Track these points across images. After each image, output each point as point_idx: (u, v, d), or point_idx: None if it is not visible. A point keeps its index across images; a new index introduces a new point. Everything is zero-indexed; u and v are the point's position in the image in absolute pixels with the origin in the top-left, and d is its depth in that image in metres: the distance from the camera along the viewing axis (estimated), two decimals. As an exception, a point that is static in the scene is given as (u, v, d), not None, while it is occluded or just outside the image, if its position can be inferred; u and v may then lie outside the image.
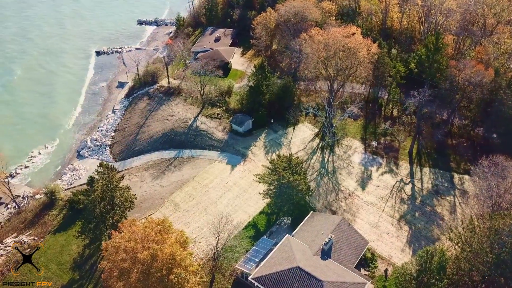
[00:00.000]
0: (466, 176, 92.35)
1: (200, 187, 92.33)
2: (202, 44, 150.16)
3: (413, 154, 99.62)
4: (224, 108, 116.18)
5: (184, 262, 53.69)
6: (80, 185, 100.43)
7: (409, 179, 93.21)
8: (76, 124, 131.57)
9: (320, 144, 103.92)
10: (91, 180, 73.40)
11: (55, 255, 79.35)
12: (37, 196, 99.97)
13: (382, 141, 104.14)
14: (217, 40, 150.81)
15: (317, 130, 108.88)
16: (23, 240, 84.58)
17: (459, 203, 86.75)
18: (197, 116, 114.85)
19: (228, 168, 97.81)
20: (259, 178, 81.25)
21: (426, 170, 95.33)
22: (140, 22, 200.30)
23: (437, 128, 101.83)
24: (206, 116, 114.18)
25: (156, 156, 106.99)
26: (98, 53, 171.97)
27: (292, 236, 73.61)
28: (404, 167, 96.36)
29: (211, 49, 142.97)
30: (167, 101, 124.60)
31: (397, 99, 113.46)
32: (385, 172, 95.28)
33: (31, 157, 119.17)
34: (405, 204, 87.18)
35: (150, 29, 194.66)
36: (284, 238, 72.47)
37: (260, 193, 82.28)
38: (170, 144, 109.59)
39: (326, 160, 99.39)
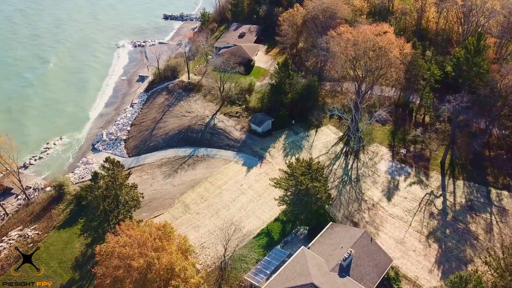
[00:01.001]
0: (505, 192, 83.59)
1: (213, 188, 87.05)
2: (225, 40, 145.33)
3: (446, 164, 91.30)
4: (243, 106, 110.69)
5: (184, 273, 48.21)
6: (90, 179, 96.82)
7: (440, 192, 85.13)
8: (94, 117, 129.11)
9: (344, 149, 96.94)
10: (95, 176, 69.15)
11: (57, 252, 75.68)
12: (48, 189, 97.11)
13: (411, 149, 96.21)
14: (241, 36, 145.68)
15: (341, 134, 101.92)
16: (27, 234, 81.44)
17: (497, 221, 78.20)
18: (215, 113, 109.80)
19: (243, 169, 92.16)
20: (274, 183, 75.19)
21: (460, 183, 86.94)
22: (166, 17, 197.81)
23: (474, 138, 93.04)
24: (224, 114, 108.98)
25: (170, 153, 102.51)
26: (121, 46, 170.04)
27: (308, 248, 67.14)
28: (435, 179, 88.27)
29: (235, 45, 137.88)
30: (186, 97, 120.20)
31: (430, 104, 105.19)
32: (414, 183, 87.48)
33: (47, 148, 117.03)
34: (435, 220, 79.29)
35: (175, 24, 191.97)
36: (299, 250, 66.11)
37: (275, 199, 76.20)
38: (186, 141, 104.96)
39: (349, 166, 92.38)
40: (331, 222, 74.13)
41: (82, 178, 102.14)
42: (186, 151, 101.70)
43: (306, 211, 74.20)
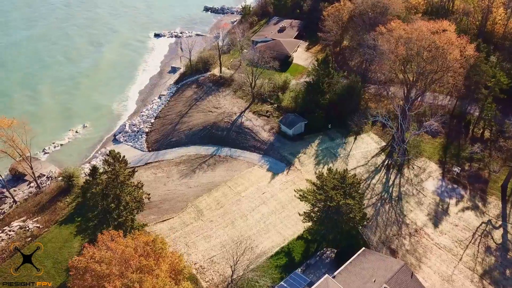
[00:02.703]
0: None
1: (231, 194, 77.38)
2: (264, 34, 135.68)
3: (508, 189, 76.84)
4: (275, 105, 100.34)
5: (172, 303, 38.68)
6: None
7: (500, 222, 71.06)
8: (120, 107, 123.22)
9: (386, 162, 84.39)
10: (93, 170, 61.28)
11: (54, 251, 68.55)
12: (60, 178, 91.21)
13: (466, 168, 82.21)
14: (281, 30, 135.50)
15: (384, 143, 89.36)
16: (27, 227, 75.22)
17: None
18: (244, 111, 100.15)
19: (268, 175, 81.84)
20: (300, 195, 64.35)
21: (525, 213, 72.41)
22: (207, 9, 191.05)
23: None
24: (253, 113, 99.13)
25: (192, 150, 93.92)
26: (157, 35, 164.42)
27: (333, 277, 55.93)
28: (494, 205, 74.15)
29: (273, 39, 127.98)
30: (215, 92, 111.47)
31: (491, 117, 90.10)
32: (468, 208, 73.81)
33: (68, 135, 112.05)
34: (492, 256, 65.56)
35: (215, 16, 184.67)
36: (323, 279, 55.11)
37: (300, 215, 65.33)
38: (210, 139, 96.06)
39: (391, 182, 79.84)
40: (363, 248, 62.27)
41: (103, 169, 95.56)
42: (209, 149, 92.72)
43: (335, 231, 63.14)
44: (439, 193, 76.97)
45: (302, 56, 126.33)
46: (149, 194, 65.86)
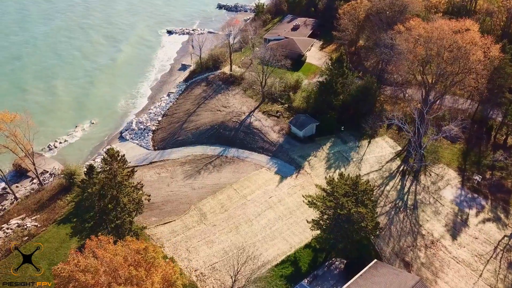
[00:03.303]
0: None
1: (237, 197, 73.76)
2: (276, 32, 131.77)
3: (534, 201, 71.71)
4: (286, 105, 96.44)
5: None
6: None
7: (524, 236, 66.08)
8: (129, 103, 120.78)
9: (402, 168, 79.81)
10: (90, 169, 58.26)
11: (51, 252, 65.85)
12: (62, 176, 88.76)
13: (488, 176, 77.21)
14: (294, 29, 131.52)
15: (400, 148, 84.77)
16: (25, 225, 72.76)
17: None
18: (253, 110, 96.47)
19: (276, 178, 77.99)
20: (308, 201, 60.36)
21: (552, 227, 67.20)
22: (220, 7, 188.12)
23: None
24: (263, 112, 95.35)
25: (198, 150, 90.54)
26: (170, 32, 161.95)
27: (342, 291, 51.93)
28: (517, 218, 69.15)
29: (286, 37, 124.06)
30: (224, 90, 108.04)
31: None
32: (489, 220, 68.92)
33: (75, 131, 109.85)
34: (516, 273, 60.65)
35: (228, 14, 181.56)
36: (330, 293, 51.15)
37: (308, 222, 61.35)
38: (217, 139, 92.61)
39: (406, 189, 75.29)
40: (375, 260, 57.99)
41: (101, 168, 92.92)
42: (215, 150, 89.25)
43: (345, 241, 58.98)
44: (458, 203, 72.17)
45: (316, 56, 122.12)
46: (149, 196, 62.67)
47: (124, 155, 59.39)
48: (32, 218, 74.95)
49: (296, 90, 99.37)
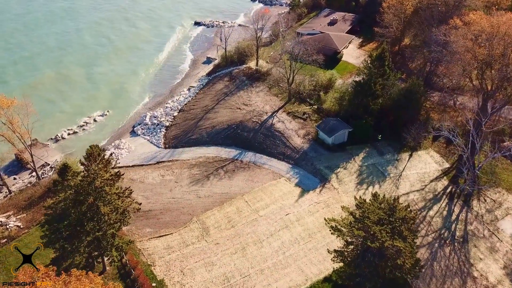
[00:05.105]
0: None
1: (247, 211, 62.55)
2: (311, 26, 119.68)
3: None
4: (315, 106, 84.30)
5: None
6: (113, 168, 77.92)
7: None
8: (146, 96, 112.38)
9: (450, 189, 66.07)
10: (63, 169, 48.65)
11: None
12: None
13: (560, 208, 62.25)
14: (331, 23, 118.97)
15: (447, 165, 70.91)
16: (8, 225, 64.56)
17: None
18: (277, 111, 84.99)
19: (296, 192, 66.16)
20: (331, 227, 48.31)
21: None
22: (254, 0, 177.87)
23: None
24: (288, 113, 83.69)
25: (211, 152, 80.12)
26: (198, 24, 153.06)
27: None
28: None
29: (321, 32, 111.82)
30: (248, 86, 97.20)
31: None
32: (562, 265, 54.39)
33: (86, 122, 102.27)
34: None
35: (263, 8, 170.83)
36: None
37: (329, 252, 49.32)
38: (233, 140, 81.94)
39: (454, 216, 61.63)
40: (413, 309, 45.26)
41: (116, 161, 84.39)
42: (230, 152, 78.48)
43: (375, 280, 46.57)
44: (520, 239, 57.99)
45: (354, 54, 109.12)
46: (140, 204, 52.43)
47: (112, 154, 49.56)
48: (17, 217, 66.77)
49: (327, 90, 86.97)
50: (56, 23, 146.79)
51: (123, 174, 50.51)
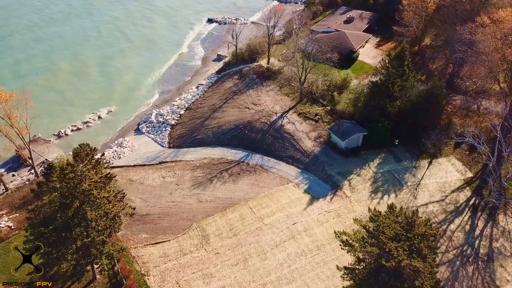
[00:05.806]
0: None
1: (251, 218, 58.07)
2: (326, 24, 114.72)
3: None
4: (328, 108, 79.40)
5: None
6: (113, 167, 74.29)
7: None
8: (153, 93, 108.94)
9: (473, 201, 60.57)
10: (48, 169, 44.87)
11: (15, 263, 53.56)
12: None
13: None
14: (348, 21, 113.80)
15: (471, 174, 65.35)
16: (0, 225, 61.33)
17: None
18: (287, 111, 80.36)
19: (304, 199, 61.43)
20: (341, 241, 43.51)
21: None
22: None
23: None
24: (299, 114, 78.95)
25: (217, 153, 75.96)
26: (210, 20, 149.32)
27: None
28: None
29: (337, 30, 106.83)
30: (258, 85, 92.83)
31: None
32: None
33: (91, 118, 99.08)
34: None
35: (277, 5, 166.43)
36: None
37: (339, 268, 44.53)
38: (240, 141, 77.62)
39: (478, 232, 56.18)
40: (432, 338, 40.17)
41: (107, 163, 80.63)
42: (236, 154, 74.17)
43: (389, 302, 41.57)
44: (552, 259, 52.28)
45: (370, 54, 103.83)
46: (134, 208, 48.47)
47: (103, 154, 45.33)
48: (10, 217, 63.51)
49: (342, 91, 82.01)
50: (73, 18, 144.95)
51: (115, 176, 46.68)
